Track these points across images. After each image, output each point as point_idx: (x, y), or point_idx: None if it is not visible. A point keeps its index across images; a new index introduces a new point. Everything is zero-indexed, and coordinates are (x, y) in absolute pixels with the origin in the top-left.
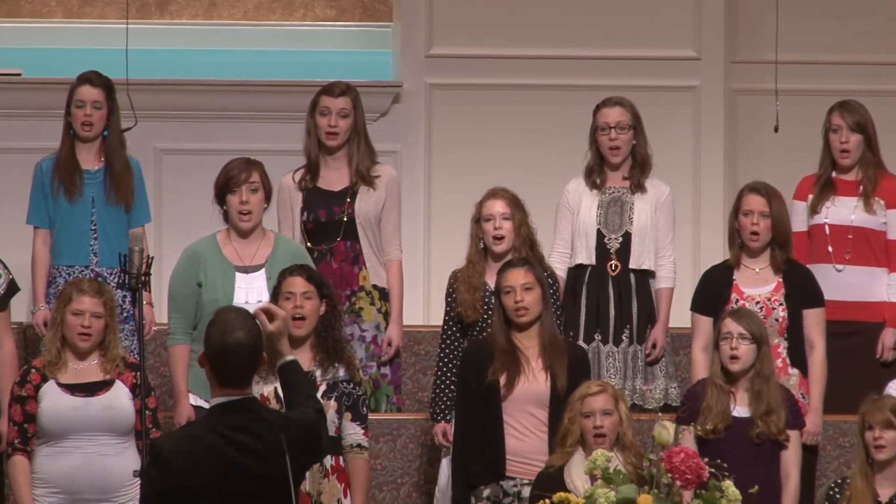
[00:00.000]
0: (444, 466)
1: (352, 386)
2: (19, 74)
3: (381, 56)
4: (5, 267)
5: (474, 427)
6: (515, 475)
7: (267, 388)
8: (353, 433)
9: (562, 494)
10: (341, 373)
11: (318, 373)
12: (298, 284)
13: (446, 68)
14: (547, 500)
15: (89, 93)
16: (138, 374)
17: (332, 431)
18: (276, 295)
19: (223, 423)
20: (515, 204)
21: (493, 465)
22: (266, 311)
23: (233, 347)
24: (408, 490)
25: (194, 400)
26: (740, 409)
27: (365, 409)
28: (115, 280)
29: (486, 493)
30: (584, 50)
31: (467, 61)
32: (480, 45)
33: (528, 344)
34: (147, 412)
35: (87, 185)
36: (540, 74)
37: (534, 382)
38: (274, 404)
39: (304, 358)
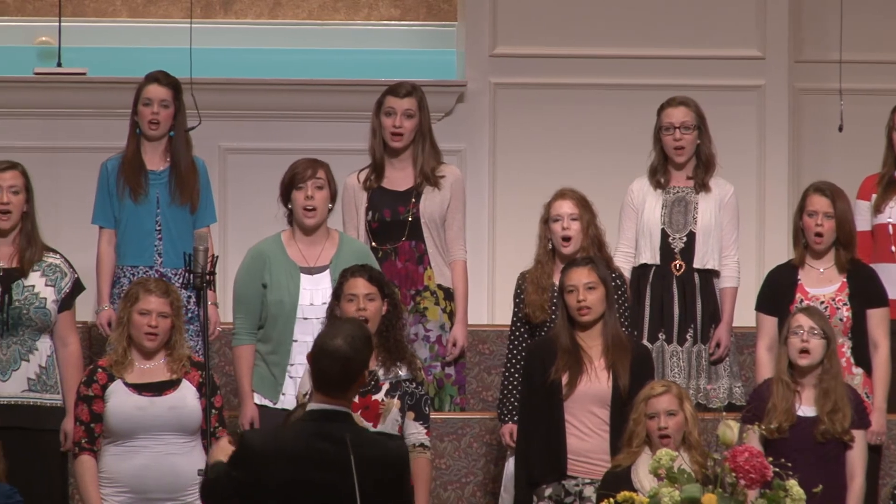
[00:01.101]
0: (511, 466)
1: (414, 385)
2: (84, 74)
3: (445, 55)
4: (70, 266)
5: (537, 426)
6: (577, 474)
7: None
8: (416, 432)
9: (626, 493)
10: (403, 372)
11: (380, 372)
12: (361, 286)
13: (511, 67)
14: (611, 500)
15: (157, 92)
16: (204, 373)
17: (395, 430)
18: (337, 296)
19: (310, 429)
20: (583, 205)
21: (555, 465)
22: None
23: (328, 352)
24: (472, 489)
25: (258, 399)
26: (806, 409)
27: (427, 408)
28: (179, 281)
29: (548, 492)
30: (649, 49)
31: (531, 60)
32: (545, 45)
33: (591, 343)
34: (213, 411)
35: (153, 186)
36: (604, 74)
37: (596, 382)
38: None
39: None
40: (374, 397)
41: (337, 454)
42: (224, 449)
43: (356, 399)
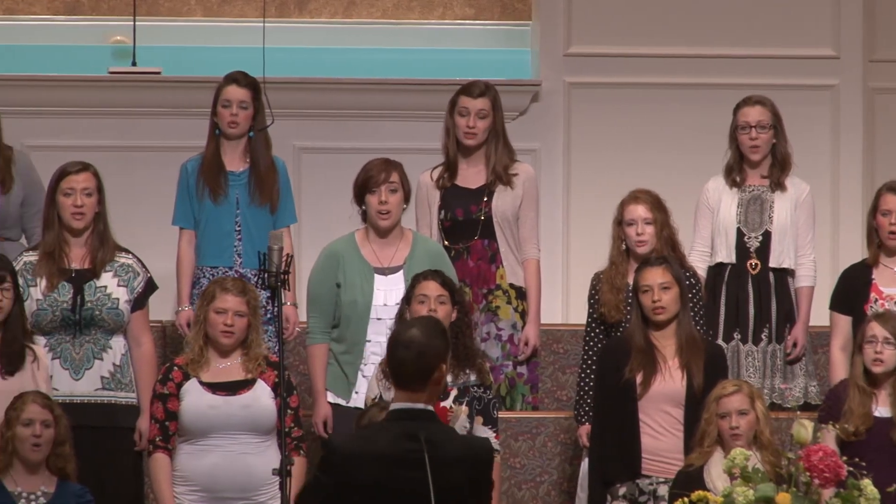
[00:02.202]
0: (587, 465)
1: (482, 390)
2: (159, 73)
3: (519, 55)
4: (143, 266)
5: (611, 425)
6: (651, 473)
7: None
8: (485, 437)
9: (700, 493)
10: (472, 377)
11: (448, 378)
12: (433, 288)
13: (585, 67)
14: (685, 499)
15: (235, 93)
16: (279, 372)
17: None
18: (408, 298)
19: (396, 428)
20: (657, 206)
21: (629, 464)
22: None
23: (403, 342)
24: (546, 488)
25: (332, 398)
26: (882, 410)
27: (496, 412)
28: (259, 281)
29: (622, 491)
30: (723, 49)
31: (606, 60)
32: (619, 44)
33: (665, 343)
34: (289, 411)
35: (232, 187)
36: (678, 73)
37: (670, 381)
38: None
39: None
40: (442, 403)
41: (423, 453)
42: None
43: None
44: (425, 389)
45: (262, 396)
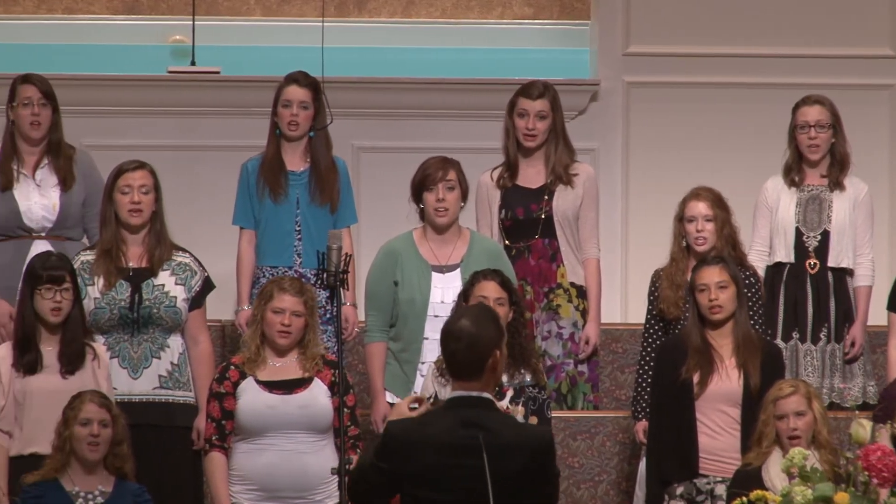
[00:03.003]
0: (644, 465)
1: (537, 390)
2: (218, 72)
3: (578, 54)
4: (200, 265)
5: (668, 424)
6: (708, 473)
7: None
8: (544, 426)
9: (759, 492)
10: (528, 377)
11: (504, 378)
12: (491, 290)
13: (644, 66)
14: (744, 499)
15: (296, 93)
16: (336, 371)
17: None
18: (466, 296)
19: (454, 416)
20: (718, 204)
21: (687, 463)
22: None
23: (453, 333)
24: (605, 488)
25: (390, 397)
26: None
27: (549, 412)
28: (318, 281)
29: (680, 490)
30: (781, 48)
31: (665, 59)
32: (678, 44)
33: (722, 342)
34: (346, 410)
35: (293, 186)
36: (737, 72)
37: (727, 381)
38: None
39: None
40: (498, 403)
41: (485, 440)
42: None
43: None
44: (481, 378)
45: (319, 395)
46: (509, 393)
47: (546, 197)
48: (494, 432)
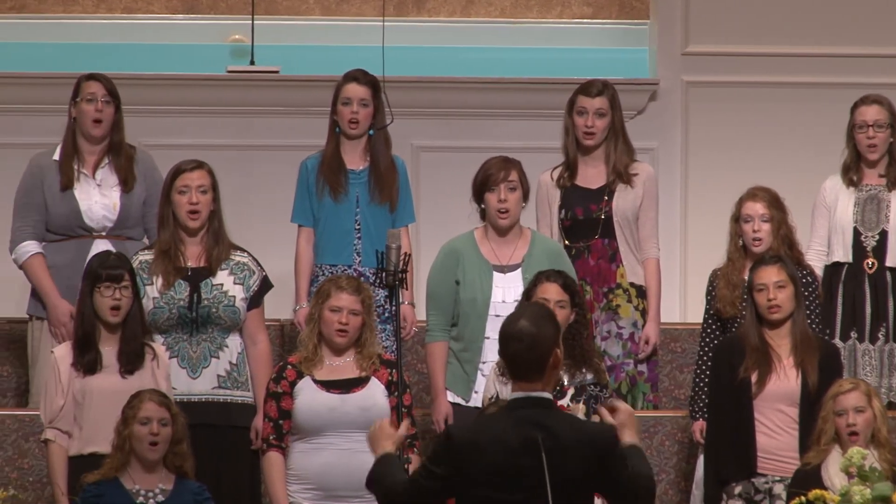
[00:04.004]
0: (702, 463)
1: (599, 389)
2: (277, 72)
3: (637, 53)
4: (258, 264)
5: (726, 424)
6: (767, 472)
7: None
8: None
9: (817, 492)
10: (589, 376)
11: (564, 378)
12: (553, 292)
13: (703, 66)
14: (802, 498)
15: (356, 91)
16: (393, 371)
17: None
18: (528, 296)
19: (515, 416)
20: (775, 204)
21: (745, 463)
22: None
23: (513, 335)
24: (664, 487)
25: (451, 397)
26: None
27: None
28: (377, 280)
29: (738, 489)
30: (841, 47)
31: (724, 59)
32: (737, 43)
33: (780, 341)
34: (403, 409)
35: (352, 185)
36: (796, 72)
37: (785, 380)
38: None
39: None
40: (559, 403)
41: (548, 441)
42: (386, 432)
43: None
44: (542, 377)
45: (376, 395)
46: (570, 391)
47: (606, 197)
48: (556, 432)
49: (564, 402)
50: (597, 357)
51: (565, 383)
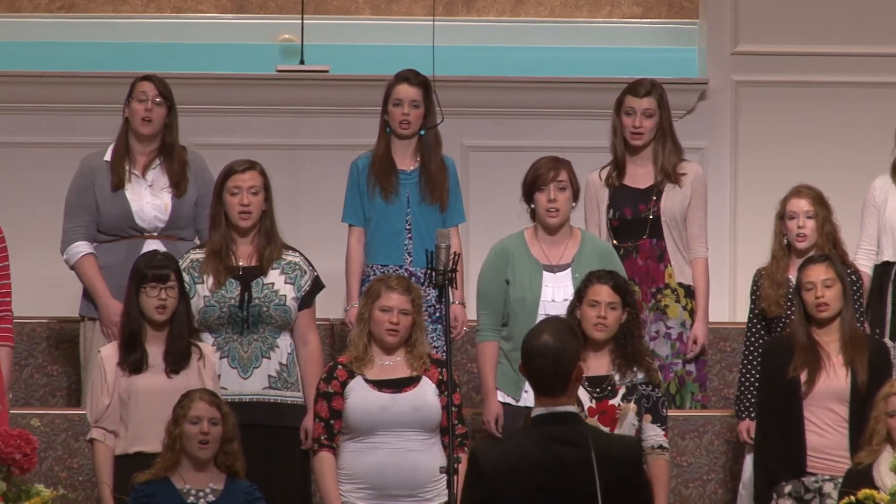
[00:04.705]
0: (748, 463)
1: (651, 388)
2: (327, 71)
3: (686, 53)
4: (309, 264)
5: (775, 423)
6: (816, 471)
7: None
8: (654, 434)
9: (867, 491)
10: (640, 376)
11: (616, 377)
12: (604, 293)
13: (753, 65)
14: (852, 497)
15: (407, 91)
16: (443, 370)
17: (632, 433)
18: (580, 297)
19: (540, 433)
20: (819, 202)
21: (795, 462)
22: None
23: (538, 350)
24: (713, 486)
25: (501, 397)
26: None
27: (664, 410)
28: (427, 280)
29: (788, 489)
30: (890, 47)
31: (773, 58)
32: (787, 42)
33: (829, 340)
34: (453, 408)
35: (403, 185)
36: (845, 71)
37: (834, 379)
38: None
39: (601, 363)
40: (610, 402)
41: (576, 456)
42: None
43: (592, 404)
44: (566, 391)
45: (428, 394)
46: (621, 391)
47: (654, 197)
48: (584, 447)
49: (615, 401)
50: (648, 357)
51: (617, 382)
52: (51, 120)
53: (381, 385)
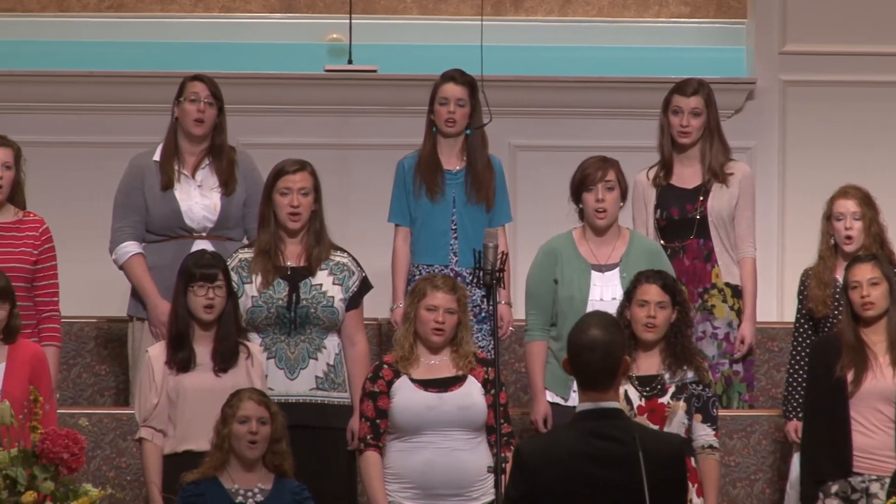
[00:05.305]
0: (796, 462)
1: (701, 388)
2: (375, 71)
3: (734, 52)
4: (358, 265)
5: (822, 423)
6: (863, 471)
7: None
8: (704, 434)
9: None
10: (690, 375)
11: (666, 376)
12: (653, 293)
13: (801, 65)
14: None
15: (453, 91)
16: (489, 369)
17: (681, 432)
18: (629, 297)
19: (585, 428)
20: (866, 202)
21: (841, 462)
22: None
23: (586, 345)
24: (761, 486)
25: (550, 397)
26: None
27: (715, 410)
28: (474, 279)
29: (835, 489)
30: None
31: (822, 58)
32: (835, 42)
33: (876, 339)
34: (500, 407)
35: (449, 185)
36: (894, 71)
37: (881, 378)
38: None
39: (651, 362)
40: (659, 400)
41: (620, 451)
42: None
43: (641, 402)
44: (613, 385)
45: (474, 393)
46: (671, 389)
47: (701, 197)
48: (630, 443)
49: (665, 399)
50: (699, 356)
51: (667, 381)
52: (99, 120)
53: (426, 384)
